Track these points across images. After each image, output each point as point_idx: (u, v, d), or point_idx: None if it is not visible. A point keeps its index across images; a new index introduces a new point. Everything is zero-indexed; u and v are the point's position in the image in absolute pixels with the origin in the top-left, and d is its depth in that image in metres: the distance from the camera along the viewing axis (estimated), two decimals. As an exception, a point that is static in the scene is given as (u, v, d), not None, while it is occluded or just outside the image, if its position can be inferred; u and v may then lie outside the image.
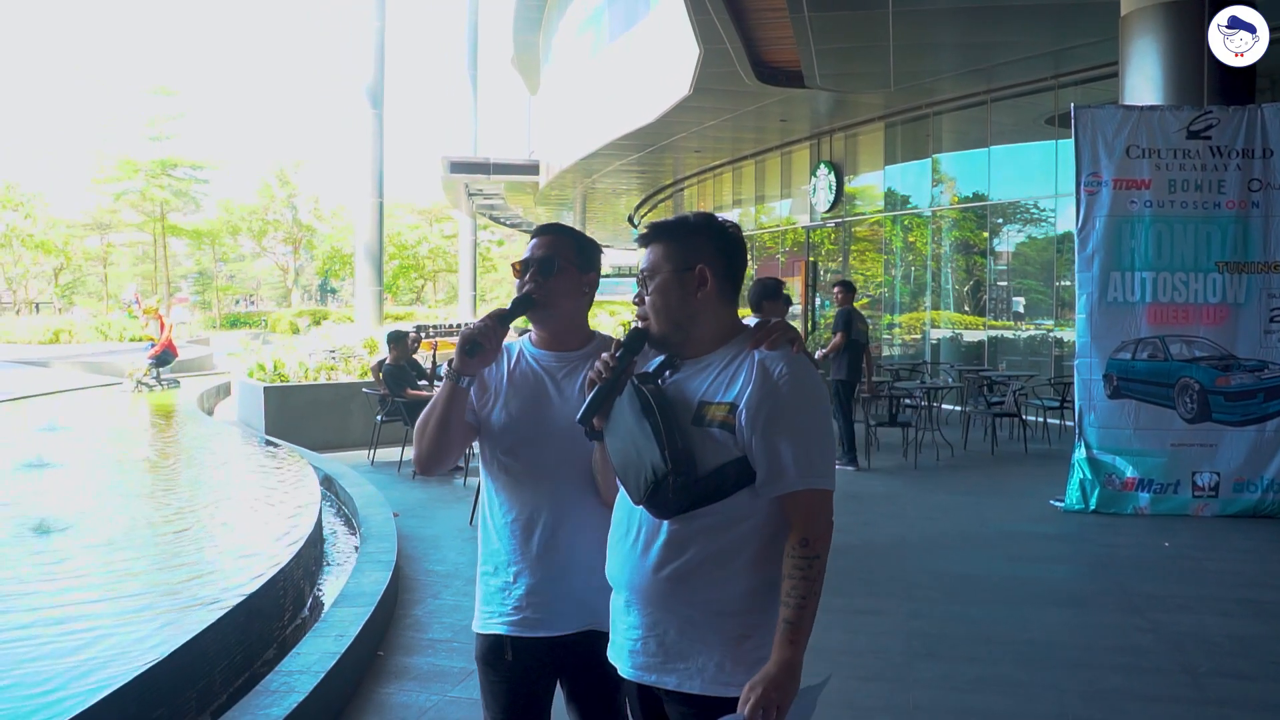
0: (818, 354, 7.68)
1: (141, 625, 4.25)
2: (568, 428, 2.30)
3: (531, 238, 2.49)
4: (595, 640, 2.35)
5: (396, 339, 10.69)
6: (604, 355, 2.13)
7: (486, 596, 2.46)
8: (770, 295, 7.15)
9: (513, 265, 2.47)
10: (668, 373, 2.13)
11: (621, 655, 2.14)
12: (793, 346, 2.07)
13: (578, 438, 2.28)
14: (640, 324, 2.14)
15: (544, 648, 2.39)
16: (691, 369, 2.12)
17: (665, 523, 2.03)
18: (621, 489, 2.14)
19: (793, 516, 2.01)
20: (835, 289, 10.44)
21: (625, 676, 2.15)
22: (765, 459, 1.99)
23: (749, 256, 2.40)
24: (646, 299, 2.13)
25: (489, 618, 2.44)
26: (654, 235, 2.16)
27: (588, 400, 2.11)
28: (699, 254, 2.11)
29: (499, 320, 2.33)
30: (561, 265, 2.41)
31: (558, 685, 2.50)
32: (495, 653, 2.43)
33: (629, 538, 2.10)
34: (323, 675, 4.01)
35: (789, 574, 1.98)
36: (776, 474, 1.99)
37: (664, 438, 1.97)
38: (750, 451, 2.00)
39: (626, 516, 2.12)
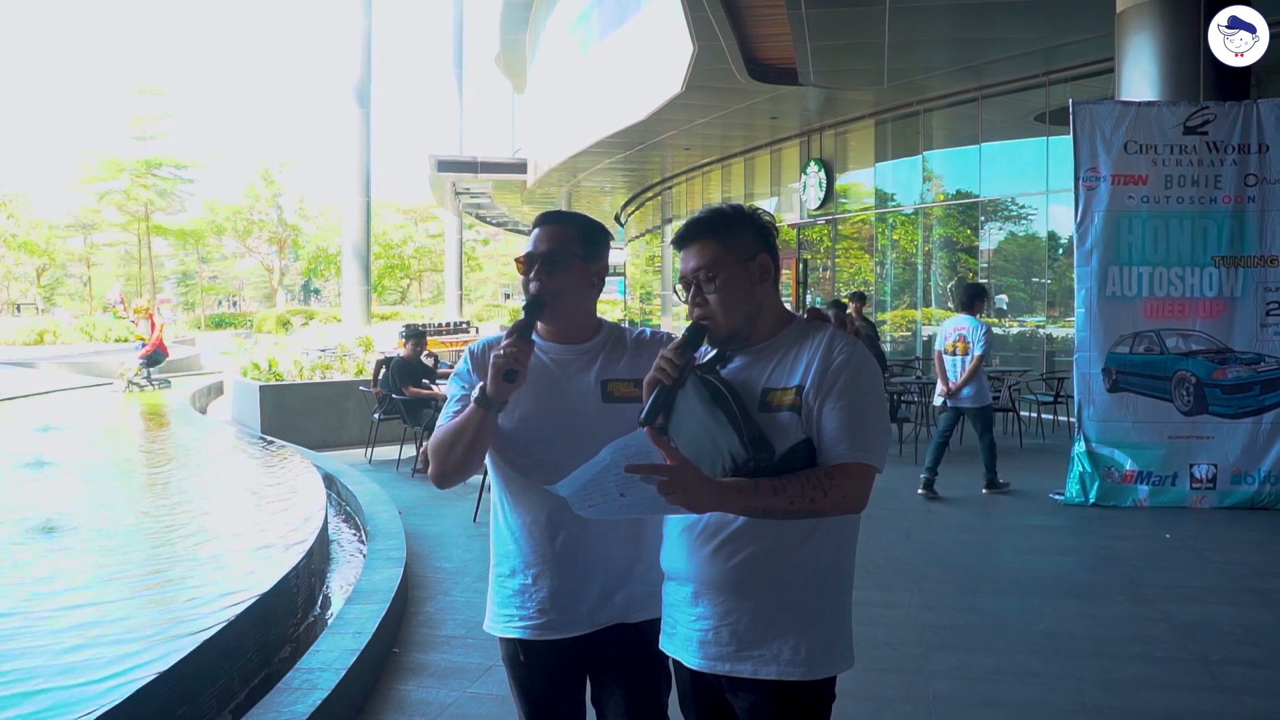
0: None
1: (159, 623, 4.23)
2: (585, 422, 2.26)
3: (533, 227, 2.37)
4: (621, 634, 2.34)
5: (414, 335, 10.62)
6: (665, 354, 2.07)
7: (502, 600, 2.38)
8: (980, 295, 8.55)
9: (516, 260, 2.36)
10: (718, 365, 2.14)
11: (689, 648, 2.12)
12: (855, 334, 2.11)
13: (597, 431, 2.21)
14: (704, 322, 2.11)
15: (568, 646, 2.34)
16: (747, 359, 2.12)
17: None
18: None
19: None
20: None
21: (693, 668, 2.13)
22: (819, 431, 2.00)
23: None
24: (710, 299, 2.09)
25: (507, 621, 2.37)
26: (700, 232, 2.12)
27: (651, 400, 2.06)
28: (754, 244, 2.12)
29: (522, 336, 2.20)
30: (566, 258, 2.31)
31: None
32: (514, 656, 2.38)
33: (693, 529, 2.08)
34: (344, 672, 4.00)
35: (802, 473, 1.95)
36: (829, 444, 1.99)
37: (741, 423, 1.96)
38: (812, 428, 2.01)
39: None
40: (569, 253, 2.31)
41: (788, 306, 2.25)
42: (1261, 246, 7.99)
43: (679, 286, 2.16)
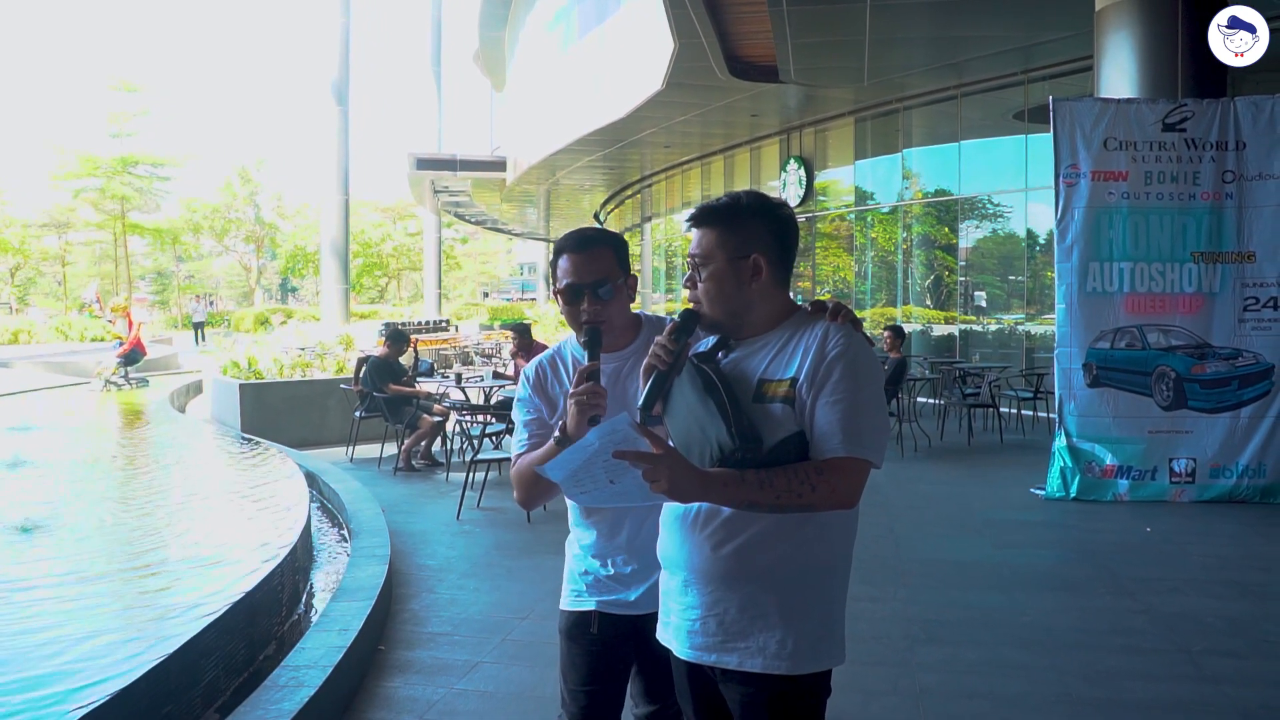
0: None
1: (143, 622, 4.20)
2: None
3: (563, 253, 2.40)
4: None
5: (394, 336, 10.53)
6: (659, 340, 2.09)
7: (575, 576, 2.53)
8: None
9: (557, 292, 2.41)
10: (721, 353, 2.13)
11: (679, 636, 2.13)
12: (854, 326, 2.08)
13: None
14: (694, 306, 2.12)
15: (627, 623, 2.44)
16: (747, 349, 2.11)
17: None
18: None
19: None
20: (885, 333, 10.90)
21: (681, 658, 2.14)
22: (813, 425, 1.98)
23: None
24: (700, 285, 2.10)
25: (578, 595, 2.51)
26: (706, 219, 2.11)
27: (648, 387, 2.07)
28: (754, 241, 2.08)
29: (595, 378, 2.25)
30: (614, 286, 2.39)
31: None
32: (580, 627, 2.48)
33: (687, 518, 2.08)
34: (331, 669, 3.98)
35: (791, 467, 1.93)
36: (822, 438, 1.96)
37: (730, 414, 1.95)
38: (805, 421, 1.99)
39: None
40: (613, 277, 2.39)
41: None
42: (1239, 243, 8.06)
43: (687, 264, 2.18)
